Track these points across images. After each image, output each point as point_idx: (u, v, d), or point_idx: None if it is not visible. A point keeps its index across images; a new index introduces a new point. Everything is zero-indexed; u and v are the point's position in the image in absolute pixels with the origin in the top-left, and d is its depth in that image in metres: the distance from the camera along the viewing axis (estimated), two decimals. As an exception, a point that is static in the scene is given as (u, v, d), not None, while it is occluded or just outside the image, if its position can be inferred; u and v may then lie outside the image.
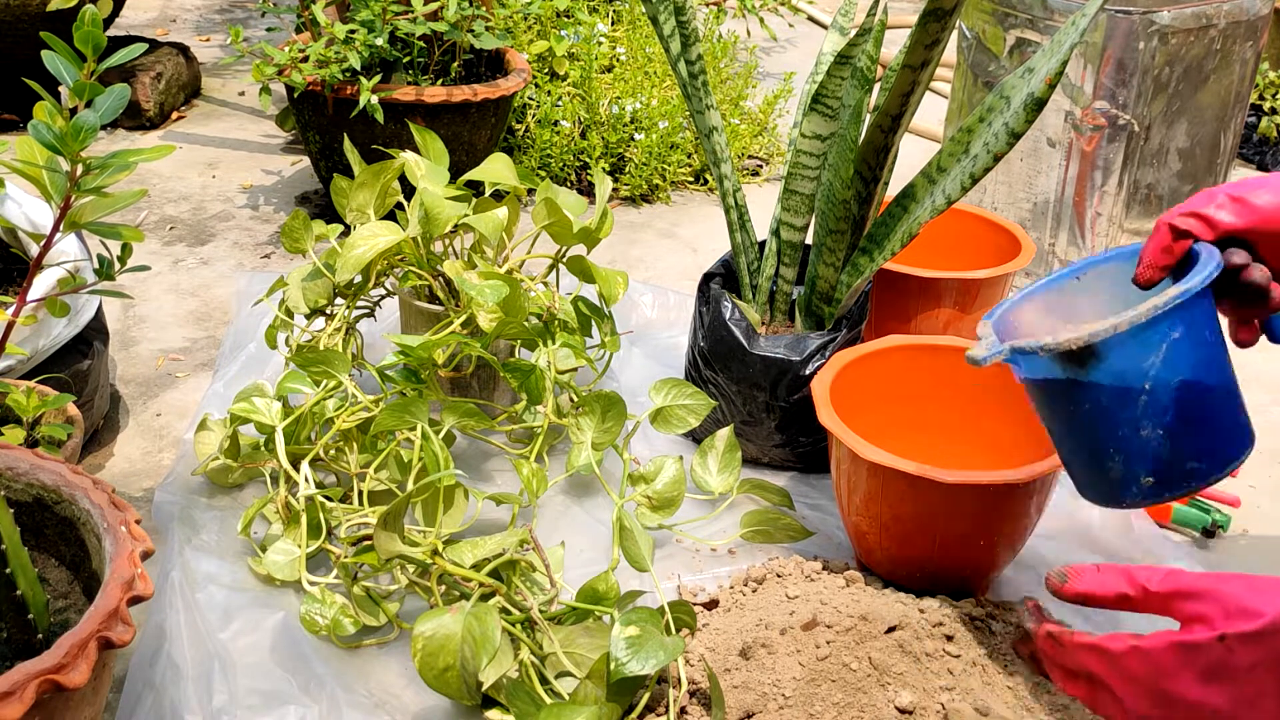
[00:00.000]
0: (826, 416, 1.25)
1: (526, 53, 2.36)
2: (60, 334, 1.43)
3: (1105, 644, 0.96)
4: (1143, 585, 0.97)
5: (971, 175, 1.26)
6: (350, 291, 1.48)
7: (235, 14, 3.47)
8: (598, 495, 1.44)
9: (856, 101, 1.32)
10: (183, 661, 1.13)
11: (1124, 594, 0.98)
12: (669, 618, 1.14)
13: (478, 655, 1.03)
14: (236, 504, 1.39)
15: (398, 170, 1.49)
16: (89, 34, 0.95)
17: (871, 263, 1.39)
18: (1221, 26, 1.83)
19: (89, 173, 0.97)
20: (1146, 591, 0.97)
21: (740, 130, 2.46)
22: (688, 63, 1.45)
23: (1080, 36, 1.17)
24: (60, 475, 1.00)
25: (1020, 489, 1.19)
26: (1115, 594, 0.99)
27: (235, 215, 2.20)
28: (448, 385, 1.51)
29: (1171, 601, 0.94)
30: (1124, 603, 0.98)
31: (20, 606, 0.91)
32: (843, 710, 1.06)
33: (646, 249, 2.15)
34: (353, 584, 1.21)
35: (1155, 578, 0.96)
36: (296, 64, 1.94)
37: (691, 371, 1.54)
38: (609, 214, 1.52)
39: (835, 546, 1.38)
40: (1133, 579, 0.97)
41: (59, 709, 0.84)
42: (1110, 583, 0.99)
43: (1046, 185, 1.94)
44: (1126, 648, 0.94)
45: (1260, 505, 1.52)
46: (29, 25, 2.34)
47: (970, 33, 1.99)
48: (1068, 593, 1.01)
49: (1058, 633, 1.01)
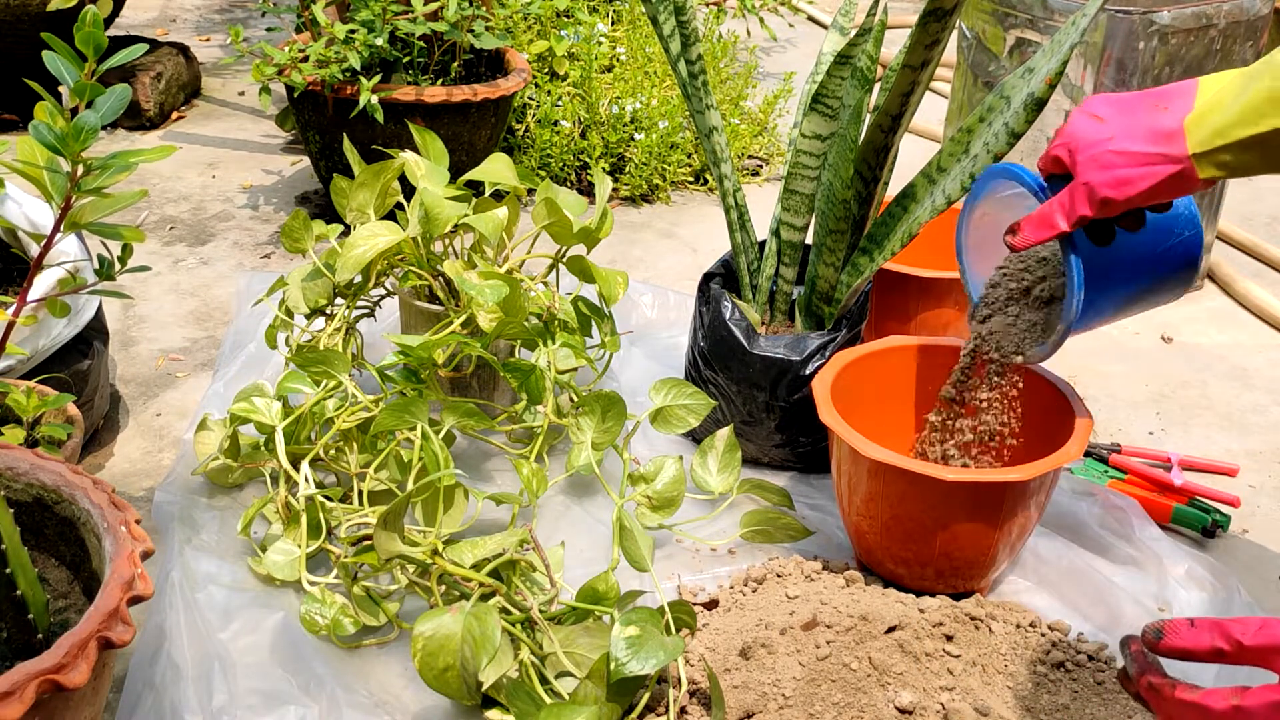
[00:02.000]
0: (827, 415, 1.25)
1: (526, 53, 2.36)
2: (60, 334, 1.43)
3: (1206, 701, 0.93)
4: (1238, 640, 0.95)
5: (971, 175, 1.26)
6: (350, 291, 1.48)
7: (235, 14, 3.47)
8: (598, 495, 1.44)
9: (856, 101, 1.32)
10: (183, 661, 1.13)
11: (1219, 648, 0.96)
12: (669, 618, 1.14)
13: (478, 655, 1.03)
14: (236, 504, 1.39)
15: (398, 170, 1.49)
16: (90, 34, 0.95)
17: (871, 263, 1.39)
18: (1221, 26, 1.83)
19: (89, 173, 0.97)
20: (1241, 646, 0.95)
21: (740, 130, 2.46)
22: (688, 63, 1.45)
23: (1080, 36, 1.17)
24: (60, 475, 1.00)
25: (1020, 488, 1.19)
26: (1210, 648, 0.97)
27: (235, 215, 2.20)
28: (448, 385, 1.51)
29: (1268, 656, 0.92)
30: (1220, 657, 0.96)
31: (20, 606, 0.91)
32: (843, 710, 1.06)
33: (646, 249, 2.15)
34: (353, 584, 1.21)
35: (1249, 631, 0.94)
36: (296, 64, 1.94)
37: (691, 371, 1.54)
38: (609, 214, 1.52)
39: (835, 546, 1.38)
40: (1228, 633, 0.95)
41: (59, 709, 0.84)
42: (1205, 638, 0.97)
43: (1046, 185, 1.94)
44: (1228, 707, 0.91)
45: (1260, 505, 1.52)
46: (29, 25, 2.34)
47: (970, 33, 1.99)
48: (1163, 649, 0.99)
49: (1159, 685, 0.99)
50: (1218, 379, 1.77)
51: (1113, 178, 1.04)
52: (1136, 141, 1.03)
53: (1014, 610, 1.23)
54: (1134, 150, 1.03)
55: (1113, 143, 1.04)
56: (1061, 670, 1.16)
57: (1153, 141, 1.02)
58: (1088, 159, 1.05)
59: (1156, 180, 1.02)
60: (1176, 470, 1.51)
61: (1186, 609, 1.28)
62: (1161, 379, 1.78)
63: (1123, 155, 1.03)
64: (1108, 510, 1.42)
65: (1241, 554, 1.43)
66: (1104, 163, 1.04)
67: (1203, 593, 1.30)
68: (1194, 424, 1.69)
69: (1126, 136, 1.03)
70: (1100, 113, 1.07)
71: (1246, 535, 1.46)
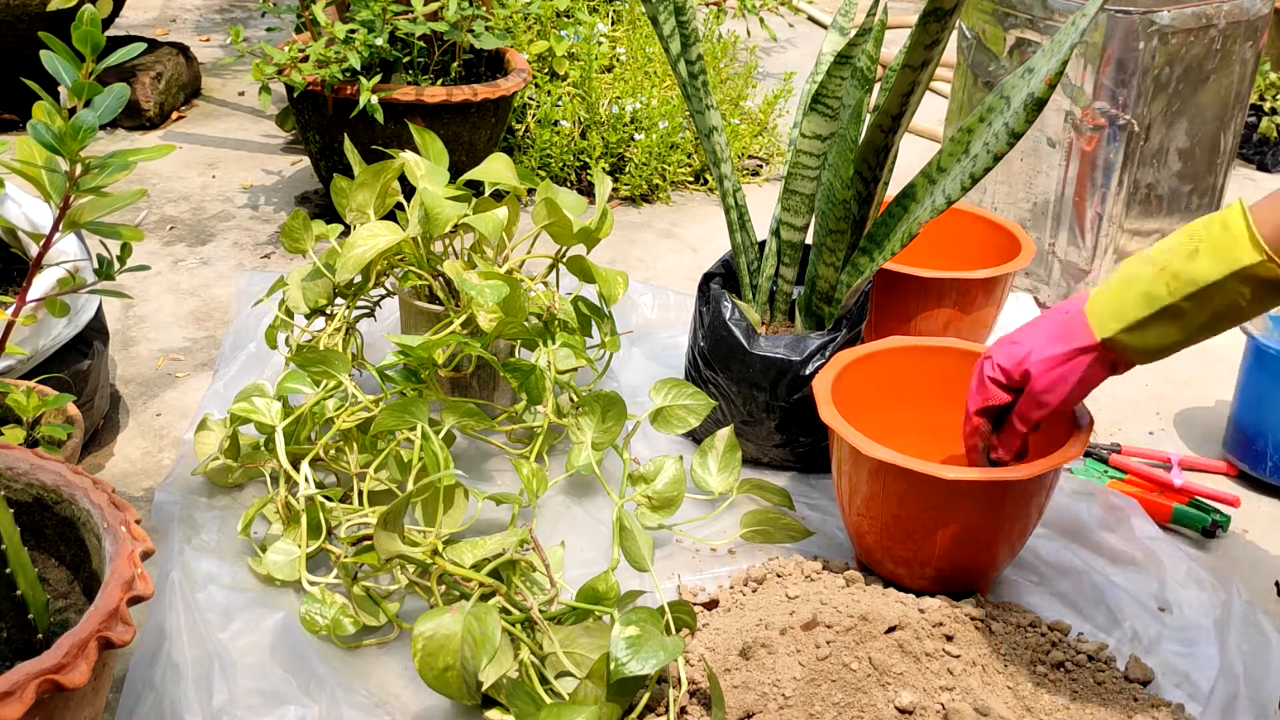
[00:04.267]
0: (828, 414, 1.25)
1: (526, 53, 2.36)
2: (60, 334, 1.42)
3: None
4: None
5: (971, 175, 1.26)
6: (350, 291, 1.48)
7: (235, 14, 3.47)
8: (598, 495, 1.44)
9: (856, 101, 1.32)
10: (183, 661, 1.13)
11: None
12: (669, 618, 1.14)
13: (478, 655, 1.03)
14: (236, 504, 1.39)
15: (398, 170, 1.49)
16: (87, 33, 0.95)
17: (871, 263, 1.39)
18: (1221, 26, 1.83)
19: (88, 172, 0.97)
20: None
21: (740, 130, 2.46)
22: (688, 63, 1.45)
23: (1080, 36, 1.17)
24: (60, 475, 1.00)
25: (1021, 488, 1.19)
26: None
27: (235, 215, 2.20)
28: (448, 385, 1.51)
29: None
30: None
31: (20, 606, 0.91)
32: (843, 710, 1.06)
33: (646, 249, 2.15)
34: (353, 584, 1.21)
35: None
36: (296, 64, 1.94)
37: (691, 371, 1.54)
38: (609, 214, 1.52)
39: (835, 546, 1.38)
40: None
41: (59, 709, 0.83)
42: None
43: (1046, 185, 1.94)
44: None
45: (1260, 505, 1.52)
46: (28, 25, 2.34)
47: (970, 33, 1.99)
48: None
49: None
50: (1218, 379, 1.77)
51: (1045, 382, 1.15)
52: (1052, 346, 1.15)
53: (1014, 610, 1.23)
54: (1051, 354, 1.14)
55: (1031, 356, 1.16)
56: (1061, 670, 1.16)
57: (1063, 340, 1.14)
58: None
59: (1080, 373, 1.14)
60: (1176, 470, 1.51)
61: (1186, 609, 1.28)
62: (1161, 379, 1.78)
63: (1044, 361, 1.15)
64: (1108, 510, 1.42)
65: (1241, 554, 1.43)
66: None
67: (1203, 592, 1.30)
68: (1194, 424, 1.69)
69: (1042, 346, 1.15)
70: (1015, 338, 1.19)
71: (1246, 535, 1.46)
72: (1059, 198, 1.93)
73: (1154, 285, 1.07)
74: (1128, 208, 1.91)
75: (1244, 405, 1.56)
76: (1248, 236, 1.01)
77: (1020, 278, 2.01)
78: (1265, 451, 1.52)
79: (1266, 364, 1.51)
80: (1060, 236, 1.95)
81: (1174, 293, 1.05)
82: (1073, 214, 1.93)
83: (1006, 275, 1.59)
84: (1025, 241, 1.65)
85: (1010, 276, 1.60)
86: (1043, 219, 1.96)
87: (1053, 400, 1.15)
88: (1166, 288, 1.06)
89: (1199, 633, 1.25)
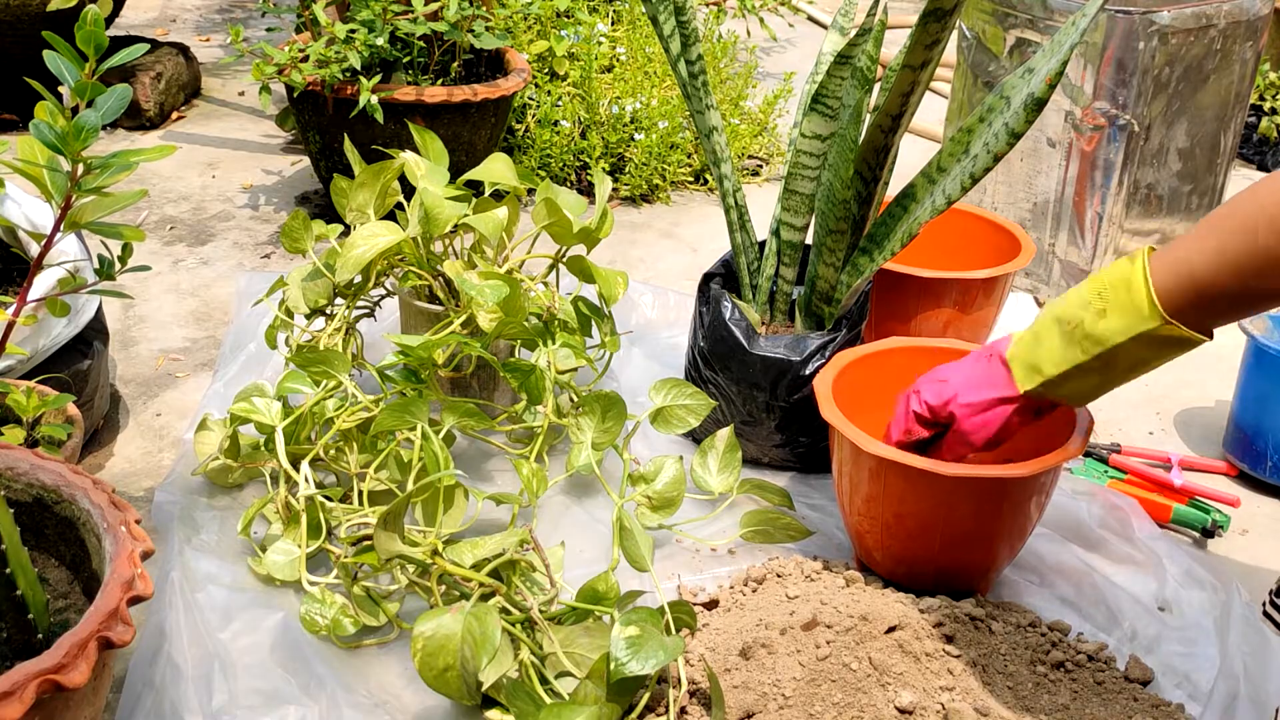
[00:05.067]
0: (829, 412, 1.25)
1: (526, 53, 2.36)
2: (60, 334, 1.42)
3: None
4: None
5: (971, 175, 1.26)
6: (350, 291, 1.48)
7: (235, 14, 3.47)
8: (598, 495, 1.44)
9: (856, 101, 1.32)
10: (183, 661, 1.13)
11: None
12: (669, 618, 1.14)
13: (478, 655, 1.03)
14: (236, 504, 1.39)
15: (398, 170, 1.49)
16: (91, 34, 0.95)
17: (871, 263, 1.39)
18: (1221, 26, 1.83)
19: (90, 172, 0.97)
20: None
21: (740, 130, 2.46)
22: (688, 63, 1.45)
23: (1080, 36, 1.17)
24: (60, 475, 1.00)
25: (1021, 486, 1.19)
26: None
27: (235, 215, 2.20)
28: (448, 385, 1.51)
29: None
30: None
31: (20, 606, 0.91)
32: (843, 710, 1.06)
33: (646, 249, 2.15)
34: (353, 584, 1.21)
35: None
36: (296, 64, 1.94)
37: (691, 371, 1.54)
38: (609, 214, 1.52)
39: (835, 546, 1.38)
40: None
41: (59, 709, 0.83)
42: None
43: (1046, 185, 1.94)
44: None
45: (1260, 505, 1.52)
46: (29, 25, 2.34)
47: (970, 33, 1.99)
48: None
49: None
50: (1218, 379, 1.77)
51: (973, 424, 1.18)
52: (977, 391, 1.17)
53: (1014, 610, 1.23)
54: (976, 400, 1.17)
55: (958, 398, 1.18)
56: (1061, 670, 1.16)
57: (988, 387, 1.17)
58: None
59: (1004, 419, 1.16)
60: (1176, 470, 1.51)
61: (1186, 609, 1.28)
62: (1161, 379, 1.78)
63: (968, 406, 1.17)
64: (1108, 510, 1.42)
65: (1241, 554, 1.43)
66: None
67: (1203, 592, 1.30)
68: (1194, 424, 1.69)
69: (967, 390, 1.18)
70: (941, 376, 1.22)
71: (1246, 535, 1.46)
72: (1059, 198, 1.93)
73: (1068, 344, 1.09)
74: (1128, 208, 1.91)
75: (1244, 405, 1.56)
76: (1146, 300, 1.03)
77: (1020, 278, 2.01)
78: (1265, 451, 1.52)
79: (1266, 364, 1.52)
80: (1060, 236, 1.95)
81: (1086, 351, 1.08)
82: (1073, 214, 1.93)
83: (1006, 275, 1.59)
84: (1025, 241, 1.65)
85: (1010, 276, 1.60)
86: (1043, 219, 1.96)
87: (978, 442, 1.18)
88: (1080, 347, 1.08)
89: (1199, 633, 1.25)
